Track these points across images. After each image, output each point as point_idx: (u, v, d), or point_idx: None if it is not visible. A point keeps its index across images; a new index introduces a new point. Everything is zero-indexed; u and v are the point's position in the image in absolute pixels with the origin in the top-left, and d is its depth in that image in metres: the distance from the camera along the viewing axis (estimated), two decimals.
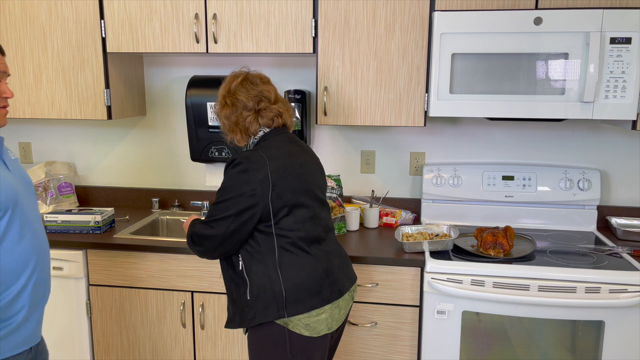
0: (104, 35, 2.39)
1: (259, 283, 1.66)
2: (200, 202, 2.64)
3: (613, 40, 2.01)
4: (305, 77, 2.66)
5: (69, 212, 2.39)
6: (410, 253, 2.14)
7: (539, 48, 2.05)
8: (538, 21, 2.03)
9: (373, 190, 2.57)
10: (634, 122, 2.10)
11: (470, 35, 2.08)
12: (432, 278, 2.03)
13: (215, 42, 2.31)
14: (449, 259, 2.07)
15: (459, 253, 2.14)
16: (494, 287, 2.00)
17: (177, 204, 2.77)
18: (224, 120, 1.80)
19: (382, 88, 2.27)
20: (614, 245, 2.24)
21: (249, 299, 1.67)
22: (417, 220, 2.64)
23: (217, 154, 2.54)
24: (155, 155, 2.84)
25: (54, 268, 2.31)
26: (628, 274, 1.94)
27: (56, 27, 2.41)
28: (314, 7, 2.24)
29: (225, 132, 1.82)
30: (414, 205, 2.67)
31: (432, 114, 2.17)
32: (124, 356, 2.38)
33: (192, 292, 2.27)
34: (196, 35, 2.32)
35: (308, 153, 1.82)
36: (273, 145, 1.72)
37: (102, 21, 2.37)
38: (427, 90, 2.24)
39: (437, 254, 2.12)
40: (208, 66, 2.71)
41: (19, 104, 2.50)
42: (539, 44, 2.05)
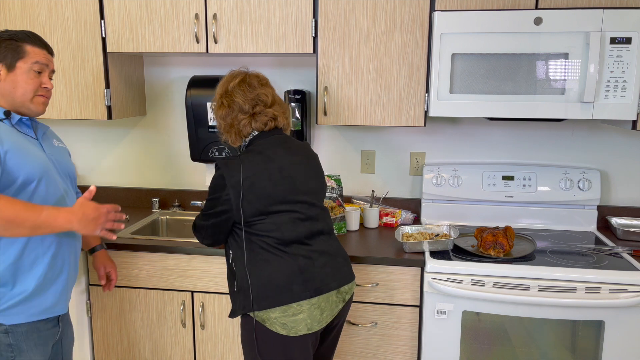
0: (104, 35, 2.39)
1: (240, 276, 1.72)
2: (200, 202, 2.64)
3: (613, 40, 2.01)
4: (305, 77, 2.66)
5: None
6: (410, 253, 2.14)
7: (539, 48, 2.05)
8: (538, 21, 2.04)
9: (373, 190, 2.57)
10: (634, 122, 2.10)
11: (470, 35, 2.08)
12: (432, 278, 2.03)
13: (216, 42, 2.31)
14: (449, 259, 2.07)
15: (459, 253, 2.14)
16: (494, 287, 2.00)
17: (177, 204, 2.77)
18: (219, 120, 1.81)
19: (382, 88, 2.27)
20: (614, 245, 2.24)
21: (235, 290, 1.75)
22: (417, 220, 2.64)
23: (217, 154, 2.54)
24: (155, 155, 2.84)
25: None
26: (628, 274, 1.94)
27: (56, 27, 2.41)
28: (314, 7, 2.24)
29: (220, 132, 1.83)
30: (414, 205, 2.67)
31: (432, 114, 2.17)
32: (124, 356, 2.38)
33: (192, 292, 2.27)
34: (196, 35, 2.32)
35: (298, 154, 1.79)
36: (257, 150, 1.74)
37: (102, 21, 2.37)
38: (427, 90, 2.24)
39: (437, 254, 2.12)
40: (208, 66, 2.71)
41: None
42: (539, 44, 2.05)
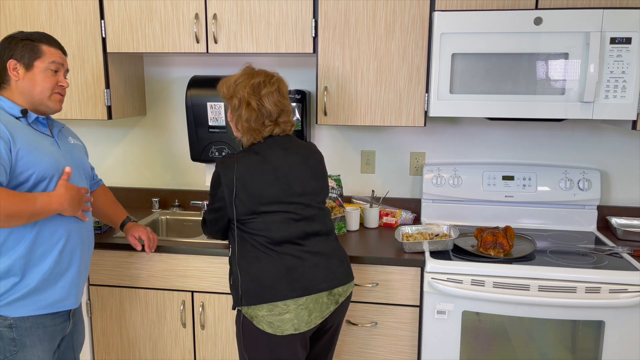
0: (104, 35, 2.39)
1: (234, 272, 1.75)
2: (201, 202, 2.64)
3: (613, 40, 2.01)
4: (305, 77, 2.66)
5: None
6: (410, 253, 2.14)
7: (539, 48, 2.05)
8: (538, 21, 2.04)
9: (373, 190, 2.57)
10: (634, 122, 2.10)
11: (470, 36, 2.08)
12: (432, 278, 2.03)
13: (216, 42, 2.31)
14: (449, 259, 2.07)
15: (459, 253, 2.14)
16: (494, 287, 2.00)
17: (177, 204, 2.77)
18: (243, 123, 1.74)
19: (382, 88, 2.27)
20: (614, 245, 2.24)
21: (231, 284, 1.78)
22: (417, 220, 2.64)
23: (217, 154, 2.54)
24: (155, 155, 2.84)
25: None
26: (628, 274, 1.94)
27: (56, 27, 2.41)
28: (314, 7, 2.24)
29: (236, 130, 1.79)
30: (414, 205, 2.67)
31: (432, 114, 2.17)
32: (124, 356, 2.38)
33: (192, 292, 2.27)
34: (196, 35, 2.32)
35: (297, 154, 1.77)
36: (255, 150, 1.75)
37: (102, 21, 2.37)
38: (427, 90, 2.24)
39: (437, 254, 2.12)
40: (208, 66, 2.71)
41: None
42: (539, 44, 2.05)
